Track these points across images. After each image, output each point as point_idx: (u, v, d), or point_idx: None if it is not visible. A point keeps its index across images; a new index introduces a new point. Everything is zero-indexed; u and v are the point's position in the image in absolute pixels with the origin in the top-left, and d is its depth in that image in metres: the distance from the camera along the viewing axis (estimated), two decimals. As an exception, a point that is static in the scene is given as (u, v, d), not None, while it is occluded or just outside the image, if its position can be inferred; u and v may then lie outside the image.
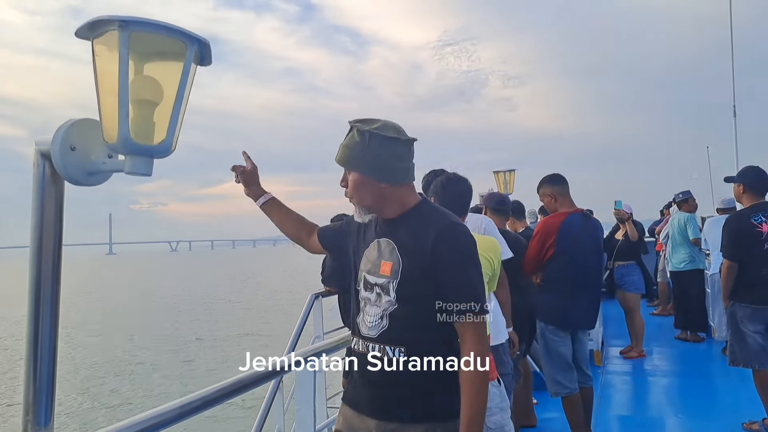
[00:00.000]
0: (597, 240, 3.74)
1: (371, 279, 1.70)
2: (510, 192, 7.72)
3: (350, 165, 1.68)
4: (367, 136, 1.64)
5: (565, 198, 3.78)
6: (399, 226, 1.71)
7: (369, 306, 1.70)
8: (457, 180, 2.63)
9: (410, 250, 1.64)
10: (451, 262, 1.59)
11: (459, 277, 1.60)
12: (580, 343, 3.66)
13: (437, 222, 1.65)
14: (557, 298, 3.53)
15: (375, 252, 1.73)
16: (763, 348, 3.84)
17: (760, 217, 3.90)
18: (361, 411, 1.71)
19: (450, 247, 1.60)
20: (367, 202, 1.70)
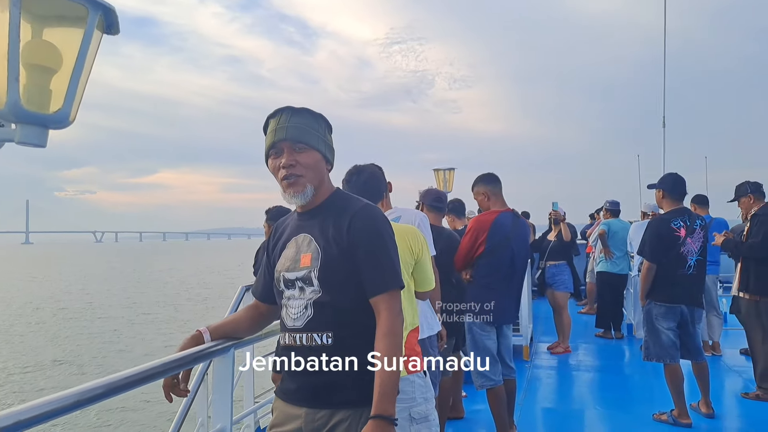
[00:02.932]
0: (525, 239, 3.85)
1: (290, 275, 1.70)
2: (449, 190, 7.86)
3: (310, 141, 1.68)
4: (320, 118, 1.69)
5: (498, 197, 3.87)
6: (315, 216, 1.72)
7: (292, 301, 1.70)
8: (362, 169, 2.63)
9: (328, 238, 1.65)
10: (366, 242, 1.62)
11: (374, 256, 1.62)
12: (505, 337, 3.77)
13: (351, 206, 1.68)
14: (485, 293, 3.61)
15: (292, 249, 1.73)
16: (674, 344, 4.07)
17: (679, 222, 4.12)
18: (292, 401, 1.70)
19: (364, 228, 1.63)
20: (316, 183, 1.70)
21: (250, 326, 1.99)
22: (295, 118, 1.69)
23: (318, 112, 1.72)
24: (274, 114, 1.73)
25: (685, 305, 4.09)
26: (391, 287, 1.62)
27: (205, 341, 1.88)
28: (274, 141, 1.68)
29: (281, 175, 1.68)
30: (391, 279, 1.63)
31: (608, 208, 7.82)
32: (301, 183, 1.67)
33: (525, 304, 5.87)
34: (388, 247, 1.66)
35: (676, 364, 4.06)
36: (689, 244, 4.10)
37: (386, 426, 1.50)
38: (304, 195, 1.68)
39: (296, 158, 1.67)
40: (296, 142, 1.66)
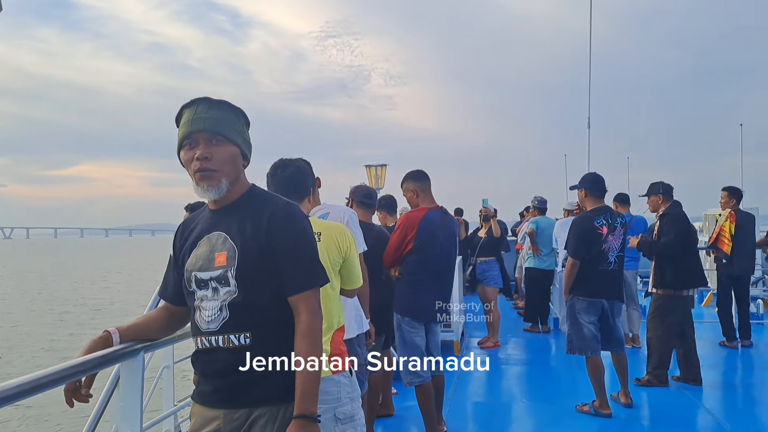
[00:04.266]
0: (453, 236, 3.89)
1: (203, 275, 1.63)
2: (381, 186, 7.87)
3: (228, 135, 1.62)
4: (238, 112, 1.65)
5: (427, 194, 3.89)
6: (230, 213, 1.66)
7: (205, 302, 1.63)
8: (287, 163, 2.54)
9: (245, 236, 1.60)
10: (285, 240, 1.59)
11: (292, 254, 1.60)
12: (433, 334, 3.79)
13: (270, 204, 1.64)
14: (412, 290, 3.61)
15: (205, 248, 1.66)
16: (596, 337, 4.23)
17: (601, 220, 4.28)
18: (209, 403, 1.64)
19: (283, 226, 1.60)
20: (232, 178, 1.64)
21: (162, 328, 1.89)
22: (213, 110, 1.62)
23: (237, 106, 1.67)
24: (189, 104, 1.65)
25: (605, 299, 4.26)
26: (310, 286, 1.60)
27: (113, 343, 1.76)
28: (190, 131, 1.60)
29: (194, 168, 1.60)
30: (310, 277, 1.61)
31: (536, 206, 8.06)
32: (216, 177, 1.60)
33: (456, 299, 5.95)
34: (307, 245, 1.64)
35: (597, 356, 4.22)
36: (611, 241, 4.26)
37: (309, 425, 1.50)
38: (218, 189, 1.61)
39: (212, 151, 1.60)
40: (213, 134, 1.60)
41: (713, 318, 6.69)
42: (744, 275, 6.45)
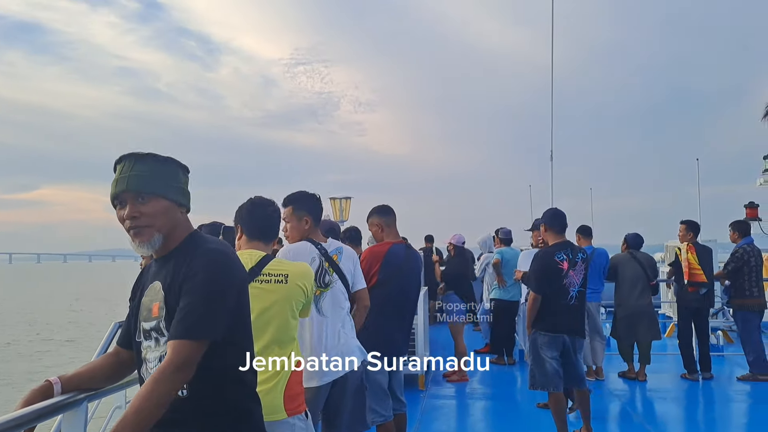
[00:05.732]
0: (417, 271, 3.88)
1: (147, 325, 1.63)
2: (345, 219, 7.86)
3: (155, 189, 1.60)
4: (170, 162, 1.63)
5: (392, 228, 3.90)
6: (167, 262, 1.65)
7: (150, 353, 1.62)
8: (265, 203, 2.55)
9: (173, 284, 1.58)
10: (189, 286, 1.54)
11: (185, 299, 1.53)
12: (396, 371, 3.74)
13: (196, 250, 1.61)
14: (375, 325, 3.56)
15: (148, 297, 1.66)
16: (558, 372, 4.24)
17: (562, 255, 4.33)
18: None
19: (194, 272, 1.56)
20: (166, 231, 1.62)
21: (109, 376, 1.83)
22: (138, 166, 1.60)
23: (166, 156, 1.65)
24: (119, 160, 1.64)
25: (567, 335, 4.28)
26: (185, 336, 1.49)
27: (54, 393, 1.69)
28: (116, 192, 1.60)
29: (126, 226, 1.61)
30: (188, 329, 1.50)
31: (501, 237, 8.12)
32: (147, 233, 1.60)
33: (421, 333, 5.92)
34: (205, 295, 1.54)
35: (559, 392, 4.22)
36: (571, 276, 4.31)
37: None
38: (150, 244, 1.61)
39: (139, 209, 1.59)
40: (138, 193, 1.59)
41: (675, 350, 6.79)
42: (703, 307, 6.59)
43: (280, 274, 2.41)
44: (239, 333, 1.66)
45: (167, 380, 1.46)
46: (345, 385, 3.00)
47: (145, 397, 1.43)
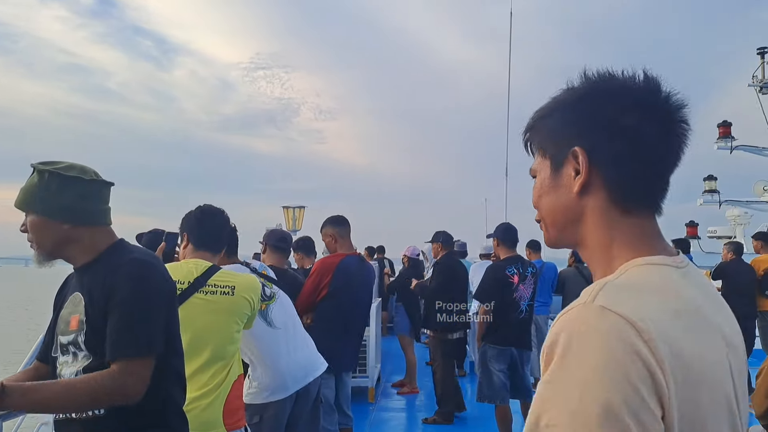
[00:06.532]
0: (369, 284, 3.87)
1: (63, 339, 1.57)
2: (298, 228, 7.76)
3: (29, 206, 1.56)
4: (47, 175, 1.55)
5: (345, 240, 3.87)
6: (87, 273, 1.59)
7: (66, 368, 1.55)
8: (215, 212, 2.47)
9: (95, 297, 1.53)
10: (118, 301, 1.50)
11: (115, 317, 1.49)
12: (344, 385, 3.70)
13: (120, 260, 1.56)
14: (324, 339, 3.51)
15: (67, 309, 1.60)
16: (505, 385, 4.30)
17: (513, 269, 4.41)
18: None
19: (122, 285, 1.51)
20: (48, 247, 1.58)
21: None
22: (28, 180, 1.58)
23: (49, 170, 1.55)
24: None
25: (515, 348, 4.35)
26: (125, 355, 1.46)
27: None
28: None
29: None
30: (128, 346, 1.47)
31: (456, 250, 8.21)
32: (34, 248, 1.58)
33: (372, 345, 5.90)
34: (136, 309, 1.51)
35: (506, 405, 4.28)
36: (521, 290, 4.39)
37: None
38: (37, 259, 1.59)
39: (25, 224, 1.58)
40: (19, 207, 1.58)
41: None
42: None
43: (226, 286, 2.35)
44: (169, 348, 1.60)
45: (115, 393, 1.42)
46: (306, 397, 2.97)
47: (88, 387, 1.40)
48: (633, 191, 0.79)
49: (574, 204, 0.82)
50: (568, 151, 0.80)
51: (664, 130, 0.79)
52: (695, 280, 0.79)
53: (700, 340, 0.70)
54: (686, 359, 0.66)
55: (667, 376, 0.62)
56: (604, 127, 0.79)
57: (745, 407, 0.78)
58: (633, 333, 0.63)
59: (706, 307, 0.76)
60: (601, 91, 0.81)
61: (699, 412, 0.66)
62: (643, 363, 0.62)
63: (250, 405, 2.75)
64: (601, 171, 0.79)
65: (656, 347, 0.63)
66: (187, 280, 2.27)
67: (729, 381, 0.73)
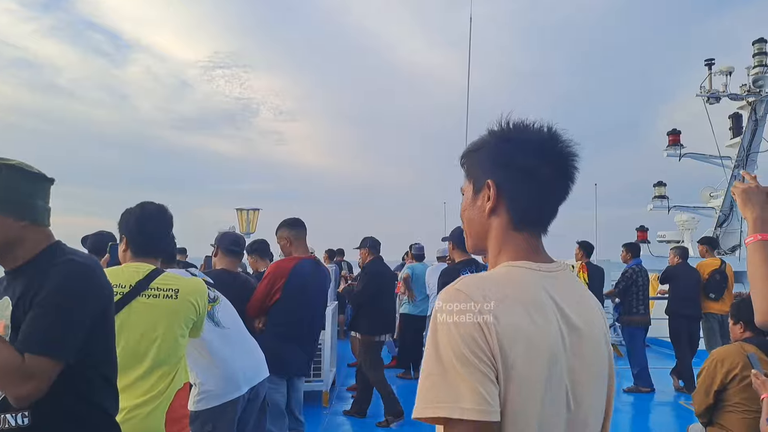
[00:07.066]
0: (324, 288, 3.83)
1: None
2: (252, 231, 7.64)
3: None
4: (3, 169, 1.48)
5: (301, 243, 3.83)
6: (20, 276, 1.51)
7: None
8: (155, 219, 2.35)
9: (23, 300, 1.46)
10: (42, 297, 1.44)
11: (39, 313, 1.43)
12: (296, 390, 3.66)
13: (53, 261, 1.50)
14: (277, 343, 3.47)
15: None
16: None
17: (467, 271, 4.44)
18: None
19: (49, 284, 1.45)
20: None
21: None
22: None
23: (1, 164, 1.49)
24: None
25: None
26: (32, 351, 1.40)
27: None
28: None
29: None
30: (37, 342, 1.41)
31: (414, 252, 8.23)
32: None
33: (328, 348, 5.85)
34: (59, 309, 1.45)
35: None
36: (475, 292, 4.43)
37: None
38: None
39: None
40: None
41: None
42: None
43: (170, 289, 2.28)
44: (98, 355, 1.55)
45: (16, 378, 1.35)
46: (255, 401, 2.92)
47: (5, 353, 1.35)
48: (527, 216, 1.07)
49: (485, 222, 1.09)
50: (485, 181, 1.07)
51: (557, 172, 1.06)
52: (555, 281, 1.05)
53: (524, 317, 0.95)
54: (508, 326, 0.93)
55: (493, 335, 0.91)
56: (511, 167, 1.05)
57: (592, 374, 1.05)
58: (465, 298, 0.94)
59: (549, 298, 1.01)
60: (513, 139, 1.07)
61: (518, 360, 0.92)
62: (478, 325, 0.91)
63: (200, 412, 2.68)
64: (505, 200, 1.06)
65: (482, 308, 0.92)
66: (129, 283, 2.19)
67: (558, 351, 0.98)
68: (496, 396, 0.91)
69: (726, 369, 3.00)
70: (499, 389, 0.92)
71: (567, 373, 0.99)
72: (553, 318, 1.00)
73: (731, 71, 12.63)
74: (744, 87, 12.50)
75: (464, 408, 0.88)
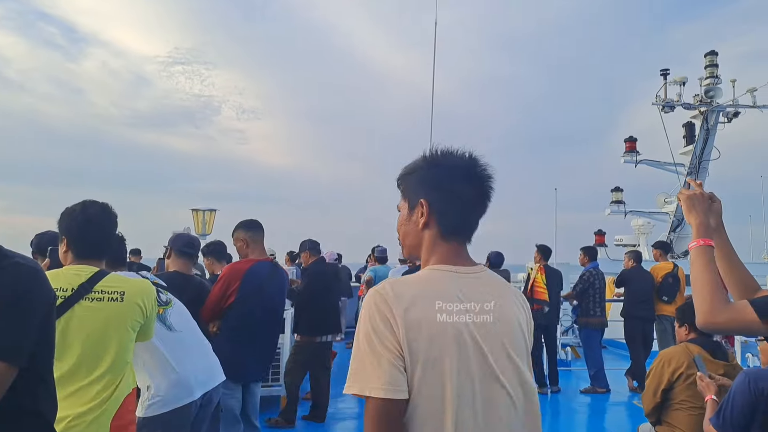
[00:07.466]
0: (281, 291, 3.78)
1: None
2: (208, 233, 7.50)
3: None
4: None
5: (258, 245, 3.76)
6: None
7: None
8: (98, 222, 2.24)
9: None
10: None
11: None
12: (252, 395, 3.59)
13: (2, 265, 1.42)
14: (232, 348, 3.40)
15: None
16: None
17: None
18: None
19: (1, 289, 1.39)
20: None
21: None
22: None
23: None
24: None
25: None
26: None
27: None
28: None
29: None
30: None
31: (377, 255, 8.25)
32: None
33: (286, 353, 5.78)
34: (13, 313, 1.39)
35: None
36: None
37: None
38: None
39: None
40: None
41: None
42: (551, 324, 7.12)
43: (115, 292, 2.20)
44: (41, 361, 1.48)
45: None
46: (209, 406, 2.85)
47: None
48: (452, 229, 1.31)
49: (419, 234, 1.33)
50: (418, 200, 1.32)
51: (477, 191, 1.32)
52: (470, 281, 1.28)
53: (431, 311, 1.18)
54: (415, 319, 1.16)
55: (401, 328, 1.15)
56: (439, 188, 1.30)
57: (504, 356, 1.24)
58: (380, 299, 1.18)
59: (460, 294, 1.23)
60: (441, 164, 1.31)
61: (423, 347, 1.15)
62: (385, 313, 1.16)
63: (149, 418, 2.60)
64: (435, 216, 1.31)
65: (393, 305, 1.16)
66: (71, 286, 2.11)
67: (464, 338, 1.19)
68: (400, 378, 1.13)
69: (672, 368, 3.08)
70: (406, 372, 1.14)
71: (476, 356, 1.20)
72: (462, 310, 1.21)
73: (685, 81, 13.04)
74: (697, 97, 12.94)
75: (372, 387, 1.12)
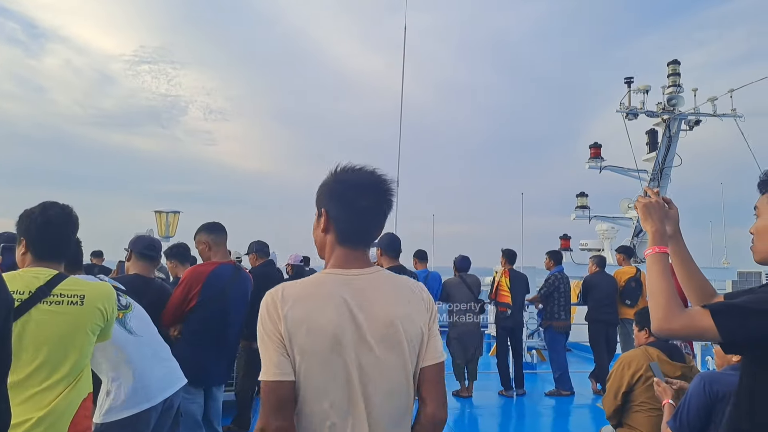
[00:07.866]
0: (244, 294, 3.72)
1: None
2: (172, 235, 7.37)
3: None
4: None
5: (220, 248, 3.70)
6: None
7: None
8: (57, 223, 2.18)
9: None
10: None
11: None
12: (214, 400, 3.52)
13: None
14: (193, 352, 3.32)
15: None
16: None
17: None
18: None
19: None
20: None
21: None
22: None
23: None
24: None
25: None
26: None
27: None
28: None
29: None
30: None
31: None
32: None
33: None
34: None
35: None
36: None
37: None
38: None
39: None
40: None
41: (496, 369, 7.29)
42: (516, 327, 7.19)
43: (74, 295, 2.14)
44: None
45: None
46: (169, 412, 2.78)
47: None
48: (348, 236, 1.49)
49: (323, 238, 1.53)
50: (322, 209, 1.51)
51: (373, 202, 1.48)
52: (358, 283, 1.45)
53: (313, 310, 1.37)
54: (296, 317, 1.36)
55: (283, 324, 1.36)
56: (338, 200, 1.48)
57: (384, 348, 1.41)
58: (270, 300, 1.40)
59: (344, 296, 1.40)
60: (342, 180, 1.49)
61: (301, 341, 1.35)
62: (272, 313, 1.38)
63: (108, 424, 2.52)
64: (333, 223, 1.49)
65: (279, 306, 1.38)
66: (28, 289, 2.04)
67: (341, 333, 1.36)
68: (285, 364, 1.35)
69: (632, 371, 3.14)
70: (291, 361, 1.35)
71: (353, 348, 1.37)
72: (344, 310, 1.39)
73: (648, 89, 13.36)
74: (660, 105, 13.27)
75: (265, 372, 1.36)
